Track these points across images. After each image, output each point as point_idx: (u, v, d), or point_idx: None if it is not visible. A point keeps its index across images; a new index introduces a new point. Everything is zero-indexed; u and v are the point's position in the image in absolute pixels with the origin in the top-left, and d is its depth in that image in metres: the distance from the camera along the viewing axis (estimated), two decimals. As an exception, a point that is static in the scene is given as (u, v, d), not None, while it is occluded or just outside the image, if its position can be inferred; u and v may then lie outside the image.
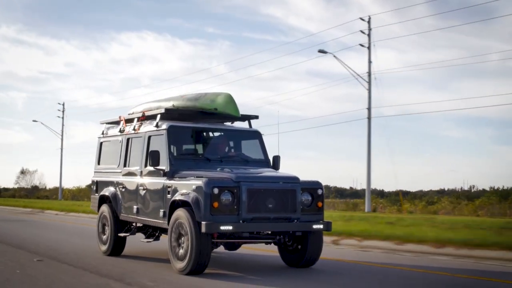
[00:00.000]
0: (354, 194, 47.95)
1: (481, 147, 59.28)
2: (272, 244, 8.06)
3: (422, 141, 62.78)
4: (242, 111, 8.69)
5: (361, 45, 28.78)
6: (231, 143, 8.81)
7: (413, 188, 47.11)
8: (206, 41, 74.36)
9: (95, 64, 77.43)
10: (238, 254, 9.48)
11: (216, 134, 8.75)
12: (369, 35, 28.68)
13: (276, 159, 8.77)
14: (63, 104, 51.53)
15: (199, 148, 8.63)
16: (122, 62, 77.23)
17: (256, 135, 8.88)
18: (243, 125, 9.13)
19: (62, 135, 50.86)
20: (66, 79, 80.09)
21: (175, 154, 8.08)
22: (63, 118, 51.14)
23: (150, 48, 75.41)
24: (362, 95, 28.77)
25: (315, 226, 7.61)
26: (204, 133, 8.65)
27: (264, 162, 8.67)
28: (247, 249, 9.82)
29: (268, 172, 8.05)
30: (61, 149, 50.78)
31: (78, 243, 11.44)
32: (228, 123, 9.19)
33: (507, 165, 53.41)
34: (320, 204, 7.74)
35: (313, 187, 7.74)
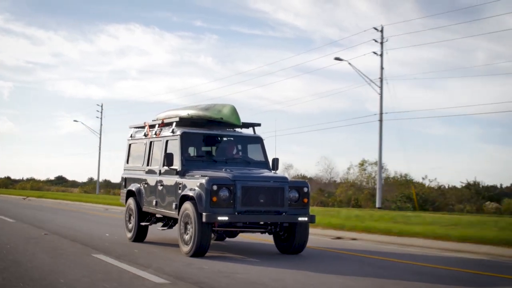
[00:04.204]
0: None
1: (466, 145, 59.39)
2: (267, 233, 9.47)
3: (407, 138, 63.24)
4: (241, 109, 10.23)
5: (374, 53, 31.04)
6: (236, 147, 10.25)
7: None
8: (194, 34, 74.42)
9: (82, 55, 77.91)
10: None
11: (223, 139, 10.21)
12: (381, 43, 30.93)
13: (275, 161, 10.18)
14: None
15: (208, 151, 10.14)
16: (110, 54, 77.61)
17: (258, 140, 10.32)
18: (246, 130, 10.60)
19: None
20: (53, 69, 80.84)
21: (186, 156, 9.59)
22: None
23: (138, 41, 75.89)
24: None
25: (300, 219, 8.98)
26: (212, 138, 10.12)
27: (264, 164, 10.10)
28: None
29: (263, 172, 9.46)
30: None
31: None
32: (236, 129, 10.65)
33: (494, 163, 54.02)
34: (305, 200, 9.10)
35: (300, 186, 9.13)
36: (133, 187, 11.02)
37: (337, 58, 30.32)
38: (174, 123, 9.98)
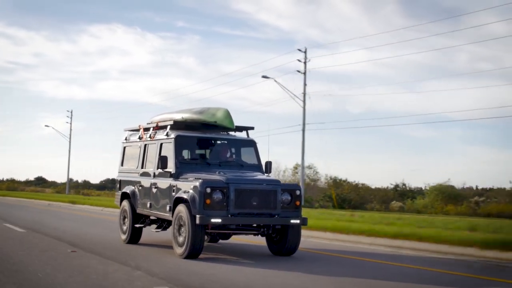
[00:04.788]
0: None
1: (447, 147, 60.53)
2: (260, 236, 9.59)
3: (388, 140, 64.13)
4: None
5: (298, 71, 36.55)
6: (230, 150, 10.37)
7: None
8: (176, 35, 74.57)
9: (64, 55, 77.71)
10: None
11: (217, 142, 10.33)
12: (305, 62, 36.51)
13: (268, 164, 10.30)
14: None
15: (202, 154, 10.26)
16: (92, 54, 77.49)
17: (251, 144, 10.45)
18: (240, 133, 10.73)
19: None
20: (35, 69, 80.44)
21: (180, 159, 9.70)
22: None
23: (120, 41, 75.86)
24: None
25: (292, 221, 9.11)
26: (206, 142, 10.25)
27: (257, 167, 10.22)
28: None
29: (256, 175, 9.58)
30: None
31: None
32: (230, 132, 10.77)
33: (474, 164, 55.22)
34: (298, 203, 9.23)
35: (292, 189, 9.27)
36: (127, 189, 11.12)
37: (264, 76, 34.76)
38: (169, 126, 10.10)
